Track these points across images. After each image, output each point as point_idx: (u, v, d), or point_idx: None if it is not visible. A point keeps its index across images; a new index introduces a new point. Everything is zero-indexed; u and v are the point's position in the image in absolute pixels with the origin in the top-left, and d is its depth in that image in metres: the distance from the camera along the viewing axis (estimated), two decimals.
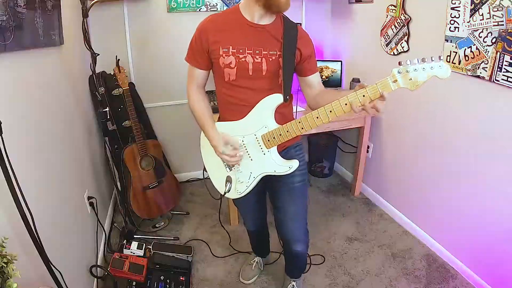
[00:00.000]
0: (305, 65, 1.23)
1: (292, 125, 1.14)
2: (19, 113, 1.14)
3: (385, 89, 1.00)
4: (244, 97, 1.20)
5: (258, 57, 1.15)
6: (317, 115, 1.08)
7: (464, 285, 1.83)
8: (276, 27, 1.17)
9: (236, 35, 1.15)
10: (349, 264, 1.99)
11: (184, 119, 2.72)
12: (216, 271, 1.96)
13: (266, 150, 1.22)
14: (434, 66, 0.96)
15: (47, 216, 1.23)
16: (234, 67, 1.16)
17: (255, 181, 1.29)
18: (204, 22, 1.19)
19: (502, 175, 1.59)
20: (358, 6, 2.44)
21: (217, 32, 1.16)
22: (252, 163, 1.26)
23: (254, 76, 1.17)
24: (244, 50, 1.15)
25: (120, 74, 2.07)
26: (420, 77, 0.97)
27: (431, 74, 0.96)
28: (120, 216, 2.27)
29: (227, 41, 1.15)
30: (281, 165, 1.23)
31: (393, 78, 0.99)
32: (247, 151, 1.25)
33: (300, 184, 1.36)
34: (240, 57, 1.15)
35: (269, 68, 1.16)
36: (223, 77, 1.20)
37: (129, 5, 2.28)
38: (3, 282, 0.73)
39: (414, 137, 2.11)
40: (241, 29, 1.15)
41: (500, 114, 1.56)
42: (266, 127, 1.19)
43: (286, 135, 1.16)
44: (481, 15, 1.55)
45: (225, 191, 1.33)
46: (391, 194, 2.42)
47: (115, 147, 2.34)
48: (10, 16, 1.02)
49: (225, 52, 1.15)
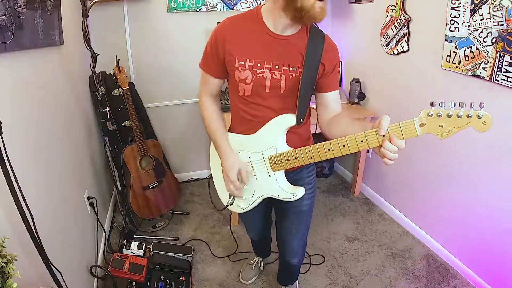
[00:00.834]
0: (323, 80, 1.09)
1: (302, 152, 1.04)
2: (19, 113, 1.14)
3: (409, 133, 0.86)
4: (258, 114, 1.11)
5: (277, 73, 1.03)
6: (329, 147, 0.97)
7: (464, 285, 1.83)
8: (300, 39, 1.03)
9: (255, 46, 1.03)
10: (349, 264, 1.99)
11: (184, 119, 2.73)
12: (216, 271, 1.96)
13: (272, 172, 1.14)
14: (472, 115, 0.79)
15: (47, 216, 1.23)
16: (250, 83, 1.05)
17: (257, 201, 1.22)
18: (221, 26, 1.06)
19: (502, 175, 1.59)
20: (358, 6, 2.44)
21: (233, 40, 1.03)
22: (257, 182, 1.19)
23: (270, 93, 1.06)
24: (263, 64, 1.03)
25: (120, 74, 2.07)
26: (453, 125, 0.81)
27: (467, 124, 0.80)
28: (120, 216, 2.27)
29: (244, 53, 1.03)
30: (285, 191, 1.15)
31: (420, 121, 0.84)
32: (253, 169, 1.18)
33: (307, 207, 1.31)
34: (257, 72, 1.04)
35: (288, 86, 1.05)
36: (238, 91, 1.10)
37: (129, 5, 2.28)
38: (3, 282, 0.73)
39: (414, 137, 2.11)
40: (261, 39, 1.02)
41: (500, 114, 1.56)
42: (274, 148, 1.10)
43: (294, 162, 1.06)
44: (481, 15, 1.54)
45: (228, 204, 1.28)
46: (391, 194, 2.42)
47: (115, 147, 2.33)
48: (10, 16, 1.02)
49: (241, 65, 1.04)
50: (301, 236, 1.43)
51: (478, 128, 0.80)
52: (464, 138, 1.75)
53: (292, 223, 1.36)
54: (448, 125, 0.82)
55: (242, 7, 2.52)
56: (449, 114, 0.81)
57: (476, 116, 0.79)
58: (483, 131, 0.80)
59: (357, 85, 2.44)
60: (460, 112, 0.80)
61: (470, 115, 0.79)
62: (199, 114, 2.73)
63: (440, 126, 0.82)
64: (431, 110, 0.83)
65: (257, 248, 1.90)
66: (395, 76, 2.13)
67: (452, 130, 0.82)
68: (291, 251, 1.47)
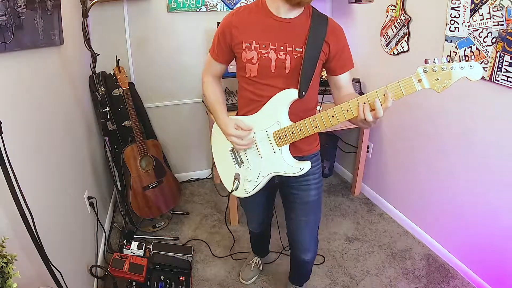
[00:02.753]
0: (334, 63, 1.13)
1: (306, 123, 1.06)
2: (19, 113, 1.14)
3: (409, 89, 0.91)
4: (264, 94, 1.14)
5: (282, 53, 1.08)
6: (332, 113, 1.00)
7: (464, 285, 1.83)
8: (303, 21, 1.08)
9: (260, 29, 1.09)
10: (349, 264, 1.99)
11: (184, 119, 2.73)
12: (216, 271, 1.96)
13: (277, 148, 1.15)
14: (464, 66, 0.87)
15: (47, 216, 1.23)
16: (256, 63, 1.10)
17: (263, 181, 1.22)
18: (229, 15, 1.15)
19: (502, 175, 1.59)
20: (358, 6, 2.44)
21: (240, 25, 1.11)
22: (262, 161, 1.19)
23: (276, 73, 1.11)
24: (268, 45, 1.08)
25: (120, 74, 2.07)
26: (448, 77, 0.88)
27: (461, 74, 0.88)
28: (120, 216, 2.27)
29: (250, 36, 1.10)
30: (292, 166, 1.15)
31: (418, 77, 0.90)
32: (257, 148, 1.19)
33: (315, 198, 1.32)
34: (262, 52, 1.09)
35: (293, 66, 1.09)
36: (245, 72, 1.15)
37: (129, 5, 2.28)
38: (3, 282, 0.73)
39: (414, 137, 2.11)
40: (266, 23, 1.09)
41: (500, 114, 1.56)
42: (278, 124, 1.12)
43: (299, 134, 1.08)
44: (481, 15, 1.55)
45: (233, 189, 1.26)
46: (391, 194, 2.42)
47: (115, 147, 2.34)
48: (10, 16, 1.02)
49: (247, 47, 1.10)
50: (310, 229, 1.40)
51: (472, 77, 0.88)
52: (464, 138, 1.76)
53: (300, 215, 1.36)
54: (443, 77, 0.89)
55: None
56: (443, 68, 0.88)
57: (469, 66, 0.87)
58: (477, 77, 0.87)
59: (357, 85, 2.44)
60: (453, 66, 0.88)
61: (463, 67, 0.87)
62: (199, 114, 2.74)
63: (436, 80, 0.89)
64: (426, 66, 0.89)
65: (256, 245, 1.90)
66: (395, 76, 2.10)
67: (448, 82, 0.89)
68: (302, 246, 1.44)
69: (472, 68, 0.87)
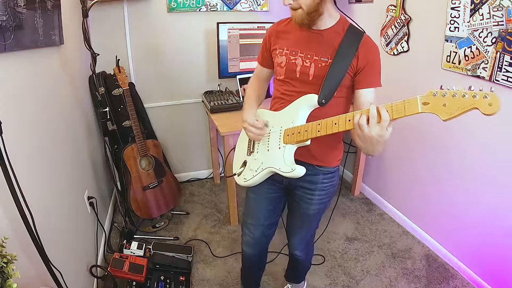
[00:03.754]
0: (359, 76, 1.13)
1: (312, 125, 1.10)
2: (19, 113, 1.14)
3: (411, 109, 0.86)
4: (289, 95, 1.24)
5: (308, 61, 1.17)
6: (336, 121, 1.02)
7: (464, 285, 1.83)
8: (335, 34, 1.14)
9: (293, 38, 1.21)
10: (349, 264, 1.99)
11: (184, 119, 2.73)
12: (216, 271, 1.96)
13: (283, 144, 1.20)
14: (478, 96, 0.76)
15: (47, 216, 1.23)
16: (283, 66, 1.22)
17: (261, 173, 1.25)
18: (272, 26, 1.31)
19: (502, 175, 1.59)
20: (358, 6, 2.44)
21: (279, 34, 1.26)
22: (267, 154, 1.26)
23: (300, 78, 1.19)
24: (297, 53, 1.19)
25: (120, 74, 2.07)
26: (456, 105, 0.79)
27: (472, 105, 0.77)
28: (120, 216, 2.27)
29: (284, 43, 1.23)
30: (286, 164, 1.18)
31: (424, 100, 0.83)
32: (268, 141, 1.26)
33: (315, 212, 1.35)
34: (291, 58, 1.20)
35: (316, 74, 1.15)
36: (277, 74, 1.29)
37: (129, 5, 2.28)
38: (3, 282, 0.73)
39: (414, 137, 2.11)
40: (299, 33, 1.19)
41: (500, 114, 1.55)
42: (292, 122, 1.18)
43: (304, 134, 1.12)
44: (481, 15, 1.55)
45: (237, 172, 1.36)
46: (391, 194, 2.42)
47: (115, 147, 2.34)
48: (10, 16, 1.02)
49: (280, 52, 1.23)
50: (304, 234, 1.46)
51: (484, 109, 0.75)
52: (464, 138, 1.76)
53: (296, 221, 1.43)
54: (452, 104, 0.79)
55: (242, 7, 2.52)
56: (454, 94, 0.79)
57: (483, 96, 0.75)
58: (490, 113, 0.75)
59: None
60: (465, 93, 0.77)
61: (476, 96, 0.76)
62: (199, 114, 2.75)
63: (444, 106, 0.80)
64: (437, 90, 0.81)
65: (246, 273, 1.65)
66: (395, 76, 2.12)
67: (455, 111, 0.79)
68: (294, 243, 1.50)
69: (486, 99, 0.76)
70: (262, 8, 2.58)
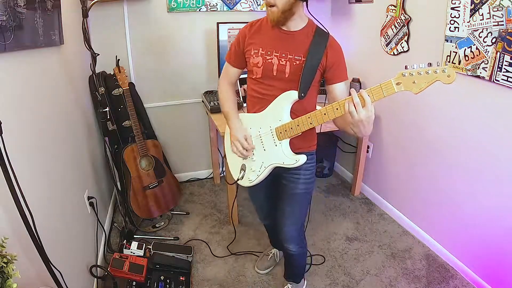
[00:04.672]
0: (331, 72, 1.28)
1: (302, 119, 1.22)
2: (19, 113, 1.14)
3: (388, 91, 1.03)
4: (266, 93, 1.32)
5: (284, 60, 1.26)
6: (324, 111, 1.15)
7: (464, 285, 1.83)
8: (305, 35, 1.26)
9: (267, 39, 1.29)
10: (349, 264, 1.99)
11: (184, 119, 2.73)
12: (216, 271, 1.96)
13: (278, 142, 1.31)
14: (438, 71, 0.96)
15: (47, 216, 1.23)
16: (260, 66, 1.30)
17: (265, 171, 1.36)
18: (245, 27, 1.36)
19: (502, 175, 1.59)
20: (358, 6, 2.44)
21: (253, 35, 1.32)
22: (265, 153, 1.35)
23: (277, 76, 1.28)
24: (272, 52, 1.27)
25: (120, 74, 2.07)
26: (423, 80, 0.98)
27: (434, 78, 0.97)
28: (120, 216, 2.27)
29: (259, 44, 1.30)
30: (289, 157, 1.30)
31: (396, 81, 1.01)
32: (261, 141, 1.35)
33: (302, 192, 1.43)
34: (267, 58, 1.28)
35: (292, 71, 1.26)
36: (252, 74, 1.35)
37: (129, 5, 2.28)
38: (3, 282, 0.73)
39: (414, 137, 2.11)
40: (272, 34, 1.28)
41: (500, 114, 1.56)
42: (280, 120, 1.29)
43: (296, 129, 1.25)
44: (481, 15, 1.55)
45: (238, 178, 1.44)
46: (391, 194, 2.42)
47: (115, 147, 2.33)
48: (10, 16, 1.02)
49: (255, 53, 1.30)
50: (295, 219, 1.50)
51: (444, 80, 0.96)
52: (464, 138, 1.76)
53: (285, 204, 1.48)
54: (420, 81, 0.99)
55: (242, 7, 2.52)
56: (420, 72, 0.98)
57: (441, 71, 0.96)
58: (449, 82, 0.96)
59: (357, 85, 2.44)
60: (428, 70, 0.97)
61: (437, 71, 0.96)
62: (199, 114, 2.75)
63: (413, 83, 0.99)
64: (405, 71, 1.00)
65: (271, 237, 1.96)
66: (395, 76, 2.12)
67: (423, 85, 0.99)
68: (286, 235, 1.52)
69: (445, 73, 0.96)
70: (262, 8, 2.58)
